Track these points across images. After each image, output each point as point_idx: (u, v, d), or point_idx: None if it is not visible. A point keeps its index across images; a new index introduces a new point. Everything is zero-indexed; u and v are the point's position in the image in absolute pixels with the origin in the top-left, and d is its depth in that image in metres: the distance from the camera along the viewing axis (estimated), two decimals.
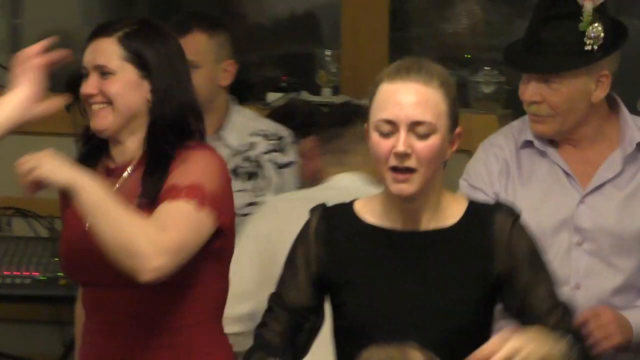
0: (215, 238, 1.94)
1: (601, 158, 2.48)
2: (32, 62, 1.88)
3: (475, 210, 1.85)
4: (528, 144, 2.46)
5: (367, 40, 4.30)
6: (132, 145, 2.07)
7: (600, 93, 2.39)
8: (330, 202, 1.99)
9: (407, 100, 1.67)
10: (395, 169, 1.64)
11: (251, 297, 2.50)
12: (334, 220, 1.87)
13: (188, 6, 5.09)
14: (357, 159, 2.70)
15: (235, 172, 2.83)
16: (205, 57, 2.87)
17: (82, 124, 2.34)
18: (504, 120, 3.56)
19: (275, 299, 1.93)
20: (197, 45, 2.84)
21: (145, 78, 1.99)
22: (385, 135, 1.67)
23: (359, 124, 2.38)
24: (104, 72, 2.01)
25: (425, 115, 1.64)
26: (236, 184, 2.66)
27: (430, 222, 1.77)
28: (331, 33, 4.74)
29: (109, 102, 2.00)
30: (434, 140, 1.64)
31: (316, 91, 4.30)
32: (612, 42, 2.44)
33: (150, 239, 1.83)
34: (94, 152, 2.21)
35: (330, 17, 4.85)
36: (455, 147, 1.74)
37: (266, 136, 2.87)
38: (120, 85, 2.01)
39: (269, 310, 1.93)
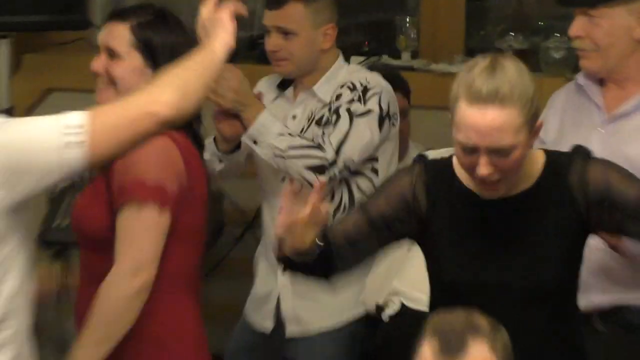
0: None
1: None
2: (219, 14, 2.00)
3: (553, 161, 1.87)
4: (579, 87, 2.49)
5: (445, 8, 4.43)
6: None
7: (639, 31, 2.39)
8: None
9: (486, 127, 1.65)
10: (482, 181, 1.69)
11: None
12: (435, 173, 1.92)
13: None
14: None
15: (318, 122, 2.94)
16: (302, 24, 2.95)
17: None
18: None
19: (361, 205, 2.10)
20: (293, 15, 2.96)
21: (150, 67, 2.04)
22: (468, 152, 1.68)
23: None
24: (113, 55, 2.07)
25: (504, 140, 1.63)
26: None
27: (517, 187, 1.81)
28: (412, 1, 4.88)
29: (113, 83, 2.07)
30: (515, 155, 1.64)
31: (396, 55, 4.47)
32: None
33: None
34: None
35: None
36: (537, 135, 1.76)
37: (353, 87, 2.92)
38: (124, 70, 2.07)
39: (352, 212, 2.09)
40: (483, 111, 1.64)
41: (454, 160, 1.84)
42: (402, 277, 3.02)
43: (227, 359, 3.29)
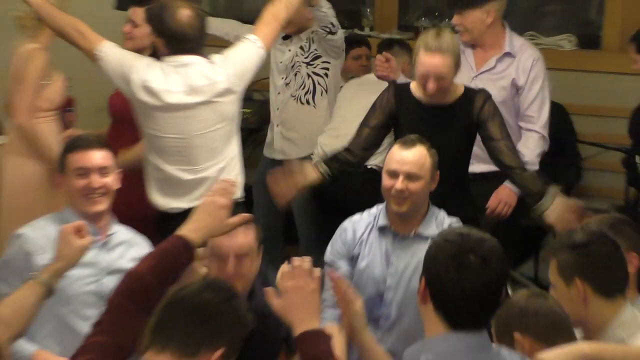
0: None
1: (493, 57, 3.74)
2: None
3: (467, 91, 3.16)
4: (461, 51, 3.43)
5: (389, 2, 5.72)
6: None
7: (489, 20, 3.60)
8: None
9: (433, 66, 2.91)
10: (430, 94, 3.05)
11: None
12: (401, 90, 3.23)
13: None
14: None
15: None
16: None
17: None
18: None
19: (363, 122, 3.21)
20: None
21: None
22: (422, 79, 2.97)
23: None
24: (136, 26, 3.54)
25: (444, 70, 2.90)
26: None
27: (445, 100, 3.08)
28: None
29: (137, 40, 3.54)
30: (447, 79, 2.97)
31: (362, 29, 5.67)
32: None
33: None
34: None
35: None
36: (458, 70, 3.05)
37: None
38: (143, 33, 3.38)
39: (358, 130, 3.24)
40: (432, 56, 2.93)
41: (412, 83, 3.19)
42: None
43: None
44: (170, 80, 2.93)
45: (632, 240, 2.15)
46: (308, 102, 4.20)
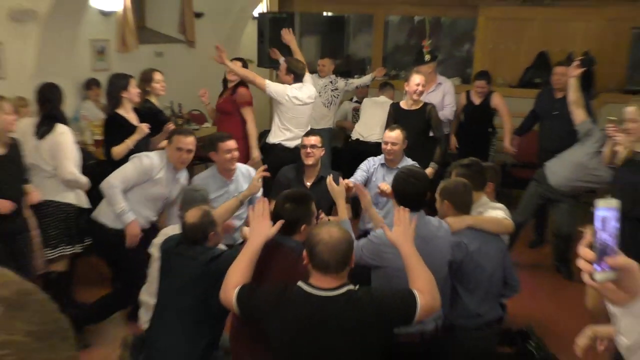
0: None
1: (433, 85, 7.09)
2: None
3: (424, 103, 6.34)
4: None
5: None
6: None
7: (432, 68, 6.92)
8: None
9: None
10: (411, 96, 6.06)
11: None
12: (395, 106, 6.50)
13: None
14: None
15: None
16: None
17: None
18: None
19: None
20: None
21: None
22: None
23: None
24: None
25: None
26: None
27: (416, 107, 6.15)
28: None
29: None
30: None
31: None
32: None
33: None
34: None
35: None
36: None
37: None
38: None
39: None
40: (415, 76, 6.20)
41: (401, 102, 6.33)
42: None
43: None
44: (301, 93, 6.22)
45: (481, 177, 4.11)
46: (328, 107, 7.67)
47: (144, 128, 5.08)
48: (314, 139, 4.97)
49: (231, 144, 4.73)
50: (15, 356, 0.70)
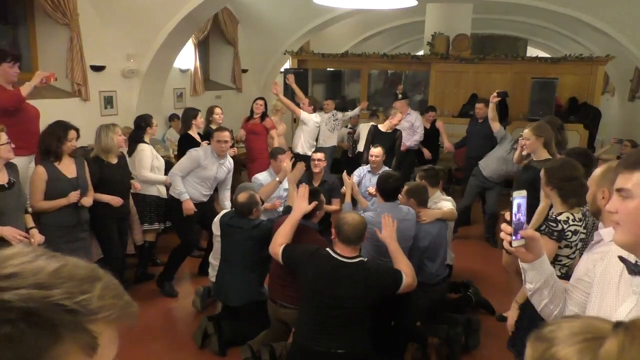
0: None
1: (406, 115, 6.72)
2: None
3: (395, 129, 5.85)
4: None
5: None
6: None
7: (404, 103, 6.71)
8: None
9: None
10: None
11: None
12: (374, 129, 5.96)
13: None
14: None
15: None
16: None
17: None
18: None
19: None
20: None
21: None
22: None
23: None
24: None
25: None
26: None
27: (390, 129, 5.60)
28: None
29: None
30: None
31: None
32: None
33: None
34: None
35: None
36: None
37: None
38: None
39: None
40: (394, 117, 5.90)
41: (379, 125, 5.98)
42: None
43: None
44: (319, 119, 6.83)
45: (435, 178, 4.20)
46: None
47: (204, 145, 5.00)
48: (320, 155, 4.93)
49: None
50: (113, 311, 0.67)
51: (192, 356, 3.57)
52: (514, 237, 1.40)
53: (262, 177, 4.88)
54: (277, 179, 4.31)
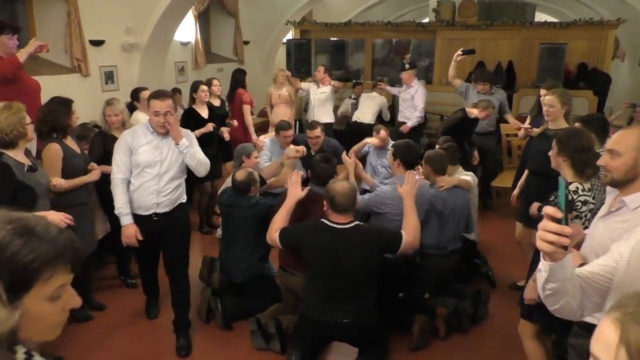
0: None
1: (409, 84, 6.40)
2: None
3: None
4: None
5: None
6: None
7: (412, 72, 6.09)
8: None
9: None
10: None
11: None
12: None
13: None
14: None
15: None
16: None
17: None
18: None
19: None
20: None
21: None
22: None
23: None
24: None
25: None
26: None
27: None
28: None
29: None
30: None
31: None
32: None
33: None
34: None
35: None
36: None
37: None
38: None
39: None
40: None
41: None
42: None
43: None
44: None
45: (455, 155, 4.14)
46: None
47: (209, 127, 5.00)
48: (316, 132, 4.76)
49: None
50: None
51: (199, 330, 3.57)
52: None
53: (267, 140, 4.94)
54: (280, 160, 4.23)
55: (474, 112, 5.25)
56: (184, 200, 3.35)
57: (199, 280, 4.13)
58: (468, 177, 3.90)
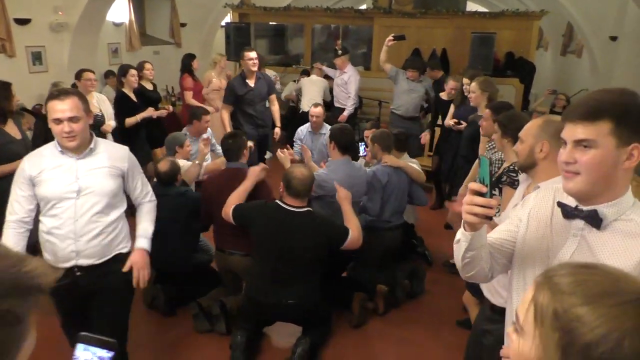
0: None
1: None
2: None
3: None
4: None
5: None
6: None
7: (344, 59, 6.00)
8: None
9: None
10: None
11: None
12: None
13: None
14: None
15: None
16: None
17: None
18: None
19: None
20: None
21: None
22: None
23: None
24: None
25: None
26: None
27: None
28: None
29: None
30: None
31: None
32: None
33: None
34: None
35: None
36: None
37: None
38: None
39: None
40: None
41: None
42: None
43: None
44: None
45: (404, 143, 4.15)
46: None
47: (150, 111, 4.95)
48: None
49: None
50: None
51: (143, 316, 3.54)
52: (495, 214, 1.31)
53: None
54: (197, 161, 4.03)
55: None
56: (126, 250, 2.40)
57: None
58: (414, 164, 4.00)
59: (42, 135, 3.80)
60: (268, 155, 5.77)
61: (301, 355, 2.95)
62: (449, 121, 4.81)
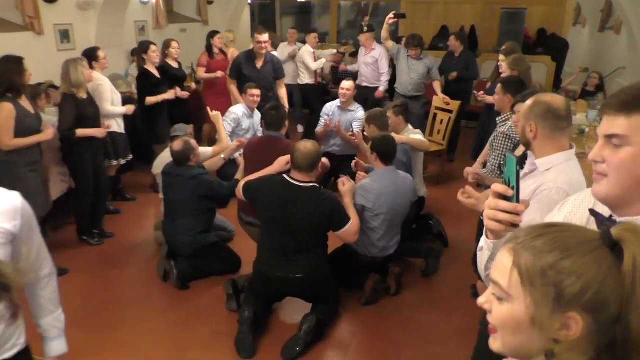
0: None
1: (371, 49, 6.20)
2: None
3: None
4: None
5: None
6: None
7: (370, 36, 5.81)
8: None
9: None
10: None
11: None
12: None
13: None
14: None
15: None
16: None
17: None
18: None
19: None
20: None
21: None
22: None
23: None
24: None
25: None
26: None
27: None
28: None
29: None
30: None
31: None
32: None
33: None
34: None
35: None
36: None
37: None
38: None
39: None
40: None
41: None
42: None
43: None
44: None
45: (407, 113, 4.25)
46: None
47: (172, 93, 5.00)
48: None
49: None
50: None
51: (157, 287, 3.62)
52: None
53: (238, 110, 4.80)
54: (223, 156, 4.10)
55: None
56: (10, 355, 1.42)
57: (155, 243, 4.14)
58: (418, 135, 3.97)
59: (72, 114, 3.85)
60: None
61: (307, 332, 2.96)
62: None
